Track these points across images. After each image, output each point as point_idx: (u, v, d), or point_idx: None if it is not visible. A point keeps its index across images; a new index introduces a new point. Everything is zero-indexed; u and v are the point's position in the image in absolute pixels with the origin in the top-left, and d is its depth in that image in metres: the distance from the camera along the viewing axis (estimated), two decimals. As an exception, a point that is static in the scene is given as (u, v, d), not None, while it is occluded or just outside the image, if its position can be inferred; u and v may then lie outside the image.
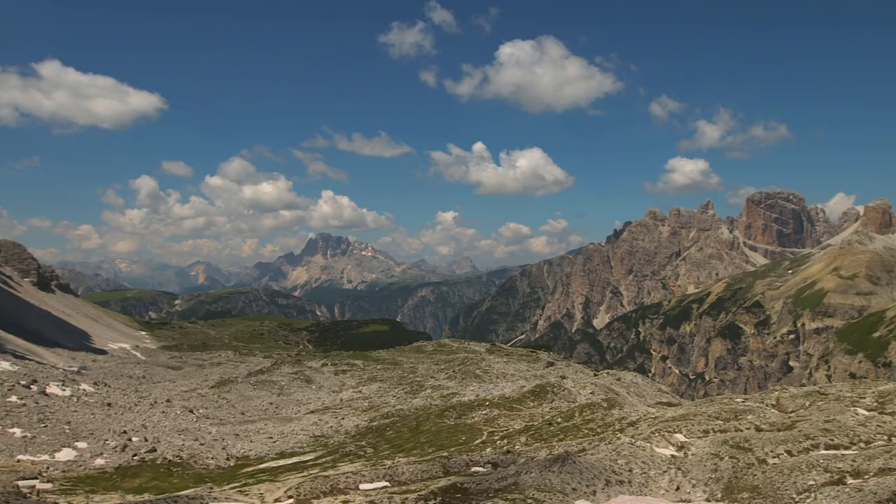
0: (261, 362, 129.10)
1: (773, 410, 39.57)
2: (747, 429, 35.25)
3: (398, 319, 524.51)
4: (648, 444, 33.46)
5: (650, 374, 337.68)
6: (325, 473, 35.09)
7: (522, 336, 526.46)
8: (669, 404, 58.95)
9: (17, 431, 46.93)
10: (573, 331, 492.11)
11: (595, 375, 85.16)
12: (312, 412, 69.50)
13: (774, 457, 30.53)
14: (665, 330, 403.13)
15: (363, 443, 50.53)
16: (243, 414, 69.62)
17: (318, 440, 54.46)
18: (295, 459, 46.53)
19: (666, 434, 34.82)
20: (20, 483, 33.57)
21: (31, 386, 60.32)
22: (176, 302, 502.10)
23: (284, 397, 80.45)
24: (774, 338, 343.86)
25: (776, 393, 45.20)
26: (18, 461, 40.87)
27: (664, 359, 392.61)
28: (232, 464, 46.86)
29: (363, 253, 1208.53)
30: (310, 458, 46.43)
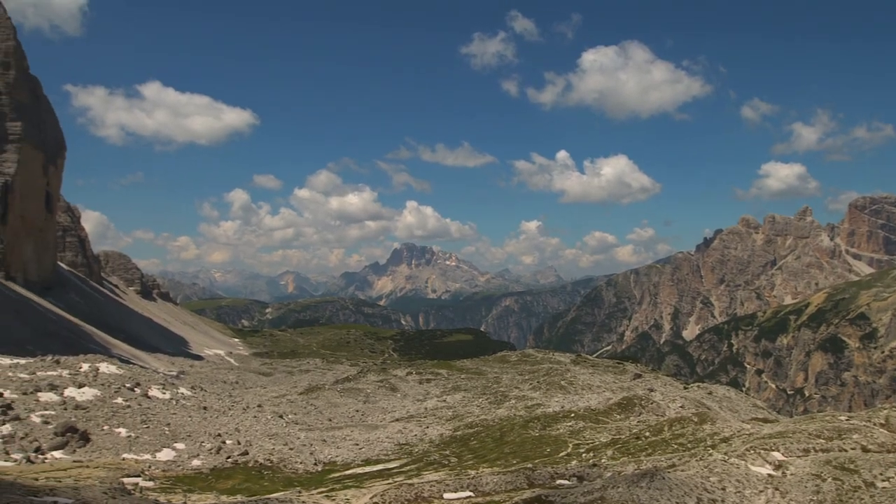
0: (347, 370, 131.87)
1: (881, 430, 37.09)
2: (853, 449, 33.18)
3: (482, 329, 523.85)
4: (743, 462, 32.01)
5: (744, 389, 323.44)
6: (410, 481, 35.36)
7: (608, 347, 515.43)
8: (766, 420, 56.30)
9: (123, 431, 49.68)
10: (661, 342, 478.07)
11: (685, 388, 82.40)
12: (397, 420, 70.32)
13: (884, 480, 28.59)
14: (760, 342, 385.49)
15: (447, 452, 50.65)
16: (330, 420, 71.20)
17: (403, 448, 55.00)
18: (380, 466, 47.15)
19: (762, 452, 33.23)
20: (125, 480, 35.43)
21: (135, 389, 63.73)
22: (267, 310, 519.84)
23: (370, 405, 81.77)
24: (882, 352, 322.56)
25: (885, 411, 42.36)
26: (124, 459, 43.22)
27: (759, 373, 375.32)
28: (319, 469, 47.94)
29: (447, 262, 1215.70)
30: (394, 465, 46.94)
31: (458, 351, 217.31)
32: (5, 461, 38.47)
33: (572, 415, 60.76)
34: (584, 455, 42.73)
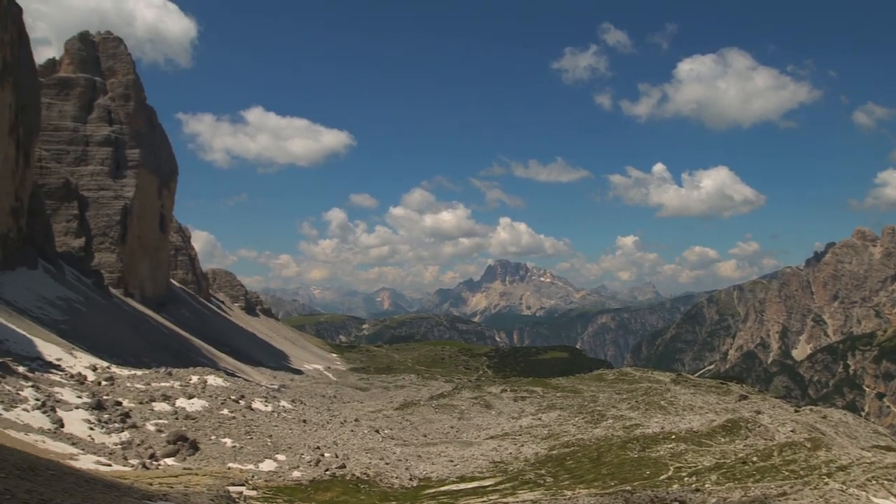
0: (442, 386, 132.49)
1: None
2: None
3: (577, 346, 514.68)
4: (864, 493, 29.77)
5: (863, 414, 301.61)
6: (505, 500, 34.99)
7: (711, 366, 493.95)
8: (889, 448, 52.27)
9: (228, 441, 51.79)
10: (769, 362, 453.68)
11: (796, 412, 77.77)
12: (492, 437, 69.89)
13: None
14: (881, 363, 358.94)
15: (542, 471, 49.83)
16: (425, 436, 71.60)
17: (498, 466, 54.55)
18: (475, 484, 46.92)
19: (886, 482, 30.80)
20: (230, 488, 36.82)
21: (240, 401, 66.40)
22: (363, 326, 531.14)
23: (465, 421, 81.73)
24: None
25: None
26: (229, 468, 44.98)
27: (880, 396, 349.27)
28: (414, 484, 48.22)
29: (541, 279, 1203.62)
30: (489, 483, 46.59)
31: (554, 368, 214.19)
32: (124, 466, 40.82)
33: (673, 436, 58.50)
34: (686, 479, 40.99)
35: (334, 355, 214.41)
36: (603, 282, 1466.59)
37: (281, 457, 50.16)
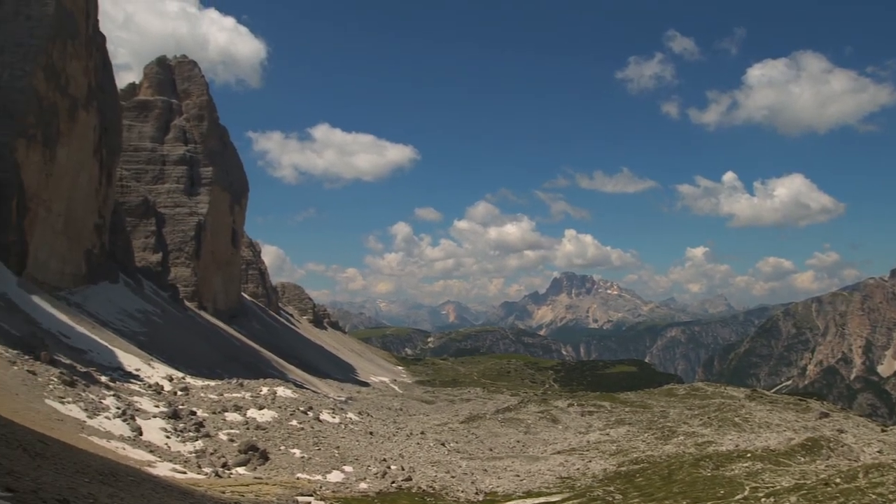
0: (508, 400, 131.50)
1: None
2: None
3: (646, 360, 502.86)
4: (959, 518, 27.89)
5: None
6: (572, 517, 34.34)
7: (788, 382, 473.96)
8: None
9: (297, 452, 52.68)
10: (852, 378, 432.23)
11: (883, 431, 73.74)
12: (559, 452, 68.86)
13: None
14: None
15: (611, 488, 48.72)
16: (491, 450, 71.14)
17: (565, 482, 53.64)
18: (541, 500, 46.25)
19: (983, 507, 28.80)
20: (299, 498, 37.42)
21: (308, 412, 67.53)
22: (429, 339, 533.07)
23: (531, 436, 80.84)
24: None
25: None
26: (298, 478, 45.72)
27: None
28: (480, 498, 47.89)
29: (608, 291, 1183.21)
30: (556, 499, 45.84)
31: (622, 383, 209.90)
32: (198, 474, 42.02)
33: (748, 455, 56.29)
34: (762, 500, 39.32)
35: (400, 368, 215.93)
36: (672, 294, 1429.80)
37: (348, 468, 50.69)
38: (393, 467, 52.47)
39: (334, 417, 69.86)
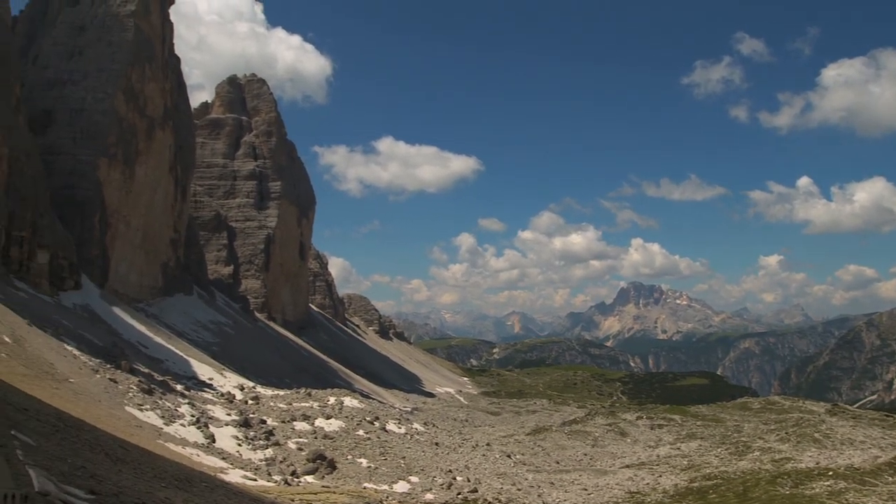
0: (574, 412, 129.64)
1: None
2: None
3: (718, 373, 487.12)
4: None
5: None
6: (642, 533, 33.47)
7: (873, 397, 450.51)
8: None
9: (364, 462, 53.19)
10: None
11: (979, 449, 69.18)
12: (627, 466, 67.33)
13: None
14: None
15: (683, 504, 47.30)
16: (558, 463, 70.17)
17: (634, 497, 52.37)
18: (610, 514, 45.27)
19: None
20: (365, 509, 37.73)
21: (375, 422, 68.17)
22: (494, 350, 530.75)
23: (598, 449, 79.37)
24: None
25: None
26: (365, 488, 46.12)
27: None
28: (547, 512, 47.24)
29: (677, 301, 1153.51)
30: (625, 514, 44.80)
31: (693, 395, 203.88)
32: (268, 481, 42.92)
33: (830, 473, 53.70)
34: (847, 519, 37.44)
35: (465, 379, 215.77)
36: (745, 304, 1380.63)
37: (414, 479, 50.83)
38: (459, 478, 52.35)
39: (400, 428, 70.29)
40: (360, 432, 62.19)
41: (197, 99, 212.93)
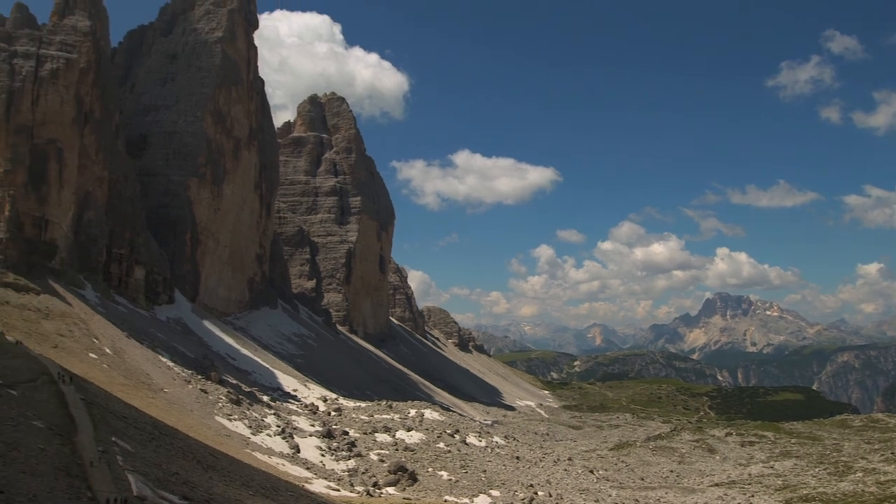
0: (659, 427, 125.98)
1: None
2: None
3: (814, 388, 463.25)
4: None
5: None
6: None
7: None
8: None
9: (444, 474, 53.24)
10: None
11: None
12: (717, 485, 64.74)
13: None
14: None
15: (778, 526, 45.05)
16: (643, 479, 68.24)
17: (725, 516, 50.28)
18: (699, 534, 43.59)
19: None
20: (446, 522, 37.71)
21: (455, 435, 68.21)
22: (575, 363, 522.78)
23: (685, 466, 76.73)
24: None
25: None
26: (445, 501, 46.15)
27: None
28: (633, 530, 45.93)
29: (767, 313, 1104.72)
30: (716, 534, 43.03)
31: (786, 411, 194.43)
32: (350, 492, 43.58)
33: (942, 495, 50.04)
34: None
35: (546, 392, 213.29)
36: (842, 315, 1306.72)
37: (495, 492, 50.47)
38: (540, 493, 51.64)
39: (481, 441, 70.05)
40: (441, 445, 62.35)
41: (280, 119, 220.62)
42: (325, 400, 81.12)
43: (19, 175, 73.85)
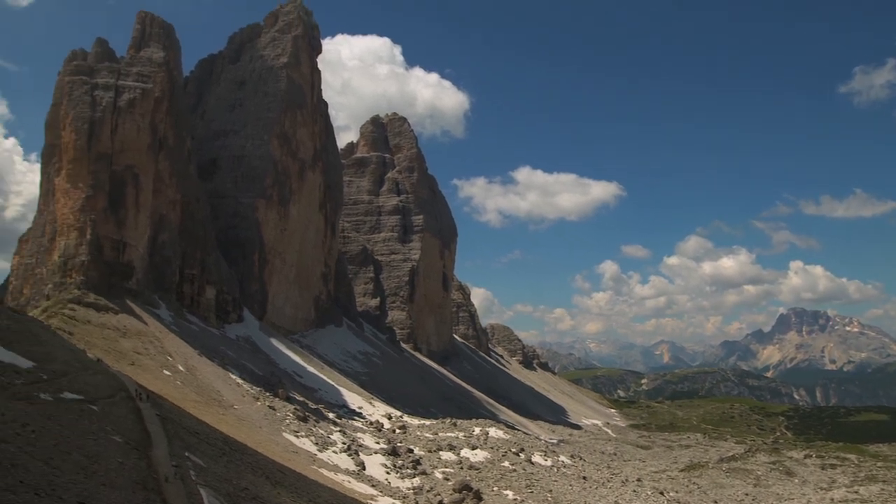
0: (732, 447, 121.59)
1: None
2: None
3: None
4: None
5: None
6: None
7: None
8: None
9: (510, 494, 52.62)
10: None
11: None
12: (796, 509, 61.94)
13: None
14: None
15: (864, 554, 42.66)
16: (716, 502, 65.88)
17: (805, 542, 47.96)
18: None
19: None
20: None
21: (520, 454, 67.42)
22: (642, 381, 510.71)
23: (761, 489, 73.66)
24: None
25: None
26: (511, 522, 45.58)
27: None
28: (706, 555, 44.29)
29: (847, 328, 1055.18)
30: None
31: (870, 433, 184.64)
32: (415, 511, 43.54)
33: None
34: None
35: (613, 410, 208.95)
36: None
37: (561, 513, 49.59)
38: (608, 515, 50.44)
39: (546, 460, 69.03)
40: (506, 464, 61.73)
41: (343, 140, 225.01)
42: (389, 417, 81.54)
43: (99, 200, 77.55)
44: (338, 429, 63.42)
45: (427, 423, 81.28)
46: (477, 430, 75.51)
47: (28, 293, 76.44)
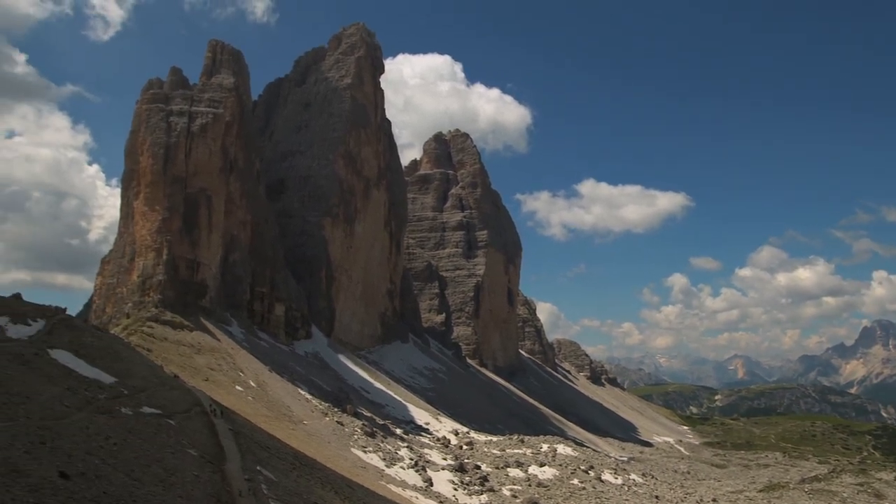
0: (815, 468, 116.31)
1: None
2: None
3: None
4: None
5: None
6: None
7: None
8: None
9: (579, 513, 51.62)
10: None
11: None
12: (886, 533, 58.58)
13: None
14: None
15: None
16: (798, 524, 62.98)
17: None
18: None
19: None
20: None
21: (589, 472, 66.14)
22: (716, 397, 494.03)
23: (848, 511, 70.06)
24: None
25: None
26: (581, 541, 44.63)
27: None
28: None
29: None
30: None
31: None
32: (483, 528, 43.16)
33: None
34: None
35: (685, 428, 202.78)
36: None
37: (633, 533, 48.29)
38: (683, 536, 48.84)
39: (616, 478, 67.48)
40: (575, 481, 60.65)
41: (407, 157, 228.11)
42: (456, 433, 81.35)
43: (175, 222, 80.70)
44: (405, 444, 63.65)
45: (494, 439, 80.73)
46: (545, 447, 74.51)
47: (110, 311, 79.91)
